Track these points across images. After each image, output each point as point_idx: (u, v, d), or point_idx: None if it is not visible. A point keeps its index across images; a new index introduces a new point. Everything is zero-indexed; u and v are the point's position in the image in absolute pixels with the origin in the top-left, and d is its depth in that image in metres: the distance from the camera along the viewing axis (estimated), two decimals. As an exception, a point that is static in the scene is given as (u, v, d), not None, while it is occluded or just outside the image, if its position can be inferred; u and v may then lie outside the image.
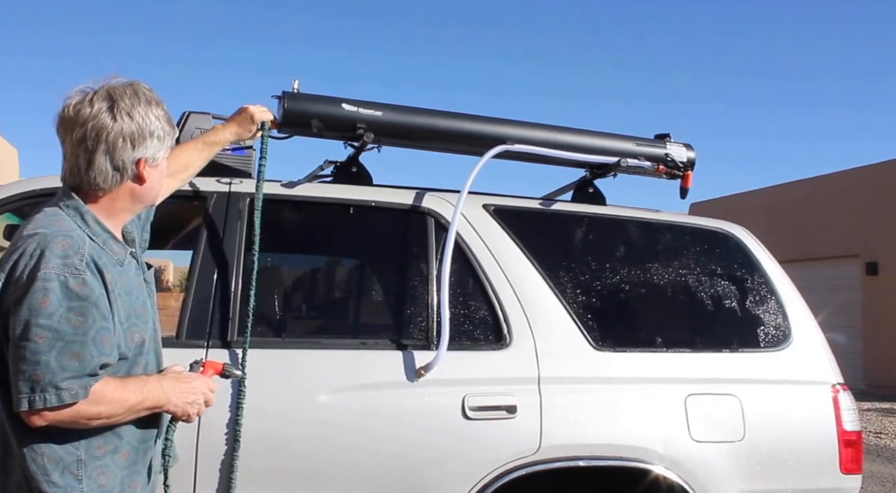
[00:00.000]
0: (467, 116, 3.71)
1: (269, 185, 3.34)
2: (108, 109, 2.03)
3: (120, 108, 2.03)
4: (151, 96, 2.12)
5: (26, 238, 1.97)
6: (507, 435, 3.15)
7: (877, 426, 12.27)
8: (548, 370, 3.26)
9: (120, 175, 2.07)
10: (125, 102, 2.05)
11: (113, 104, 2.03)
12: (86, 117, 2.02)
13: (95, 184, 2.05)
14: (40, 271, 1.90)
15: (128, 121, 2.04)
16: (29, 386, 1.89)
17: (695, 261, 3.80)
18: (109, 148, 2.03)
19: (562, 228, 3.72)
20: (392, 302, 3.58)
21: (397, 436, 3.07)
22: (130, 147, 2.05)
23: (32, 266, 1.92)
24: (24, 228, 2.02)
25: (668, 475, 3.26)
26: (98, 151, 2.02)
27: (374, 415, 3.05)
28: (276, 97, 3.36)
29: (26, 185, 3.16)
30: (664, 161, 3.93)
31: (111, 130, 2.02)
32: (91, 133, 2.02)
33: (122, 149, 2.04)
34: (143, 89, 2.11)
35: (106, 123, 2.02)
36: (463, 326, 3.29)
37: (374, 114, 3.44)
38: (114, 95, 2.05)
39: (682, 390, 3.39)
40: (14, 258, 1.95)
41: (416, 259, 3.42)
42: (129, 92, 2.07)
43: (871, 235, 17.15)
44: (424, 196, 3.48)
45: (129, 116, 2.04)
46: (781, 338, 3.67)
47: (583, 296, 3.50)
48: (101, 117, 2.02)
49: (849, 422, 3.55)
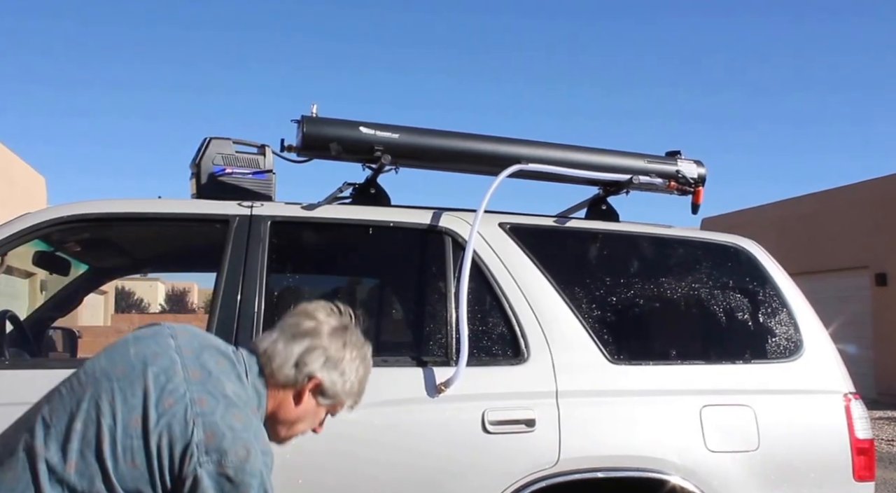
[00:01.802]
0: (482, 136, 3.72)
1: (289, 207, 3.36)
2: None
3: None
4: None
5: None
6: (527, 448, 3.13)
7: (889, 434, 12.18)
8: (565, 384, 3.25)
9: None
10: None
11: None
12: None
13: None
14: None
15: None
16: None
17: (707, 275, 3.77)
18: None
19: (576, 244, 3.71)
20: (412, 320, 3.57)
21: (418, 450, 3.06)
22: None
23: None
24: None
25: (685, 485, 3.23)
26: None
27: (395, 430, 3.05)
28: (296, 122, 3.38)
29: (56, 212, 3.19)
30: (675, 178, 3.91)
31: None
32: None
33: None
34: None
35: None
36: (482, 342, 3.28)
37: (390, 136, 3.45)
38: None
39: (697, 401, 3.36)
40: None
41: (435, 277, 3.41)
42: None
43: (880, 246, 17.06)
44: (442, 216, 3.49)
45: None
46: (793, 349, 3.64)
47: (598, 311, 3.48)
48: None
49: (861, 430, 3.51)
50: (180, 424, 1.84)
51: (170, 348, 1.98)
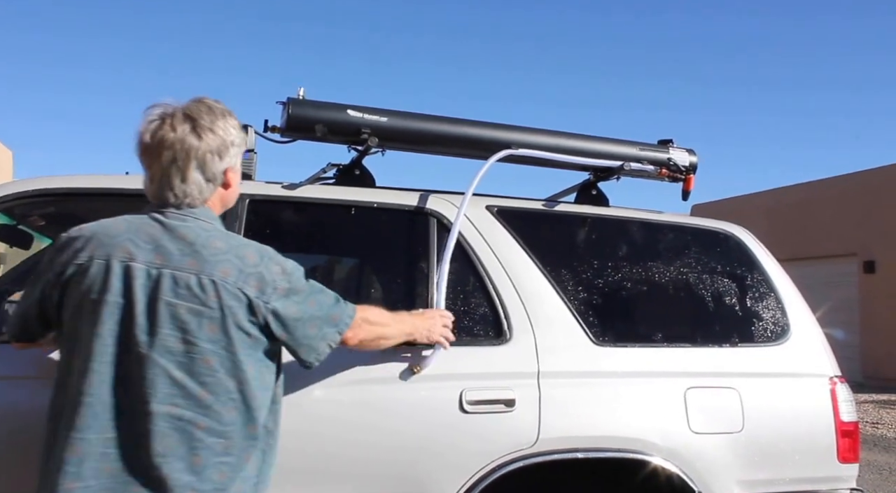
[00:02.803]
0: (472, 121, 3.65)
1: (269, 186, 3.28)
2: (192, 130, 2.13)
3: (202, 126, 2.14)
4: (223, 109, 2.22)
5: (233, 250, 2.14)
6: (505, 428, 3.06)
7: (874, 417, 12.21)
8: (547, 365, 3.19)
9: (213, 185, 2.19)
10: (204, 120, 2.15)
11: (195, 124, 2.14)
12: (172, 141, 2.12)
13: (192, 196, 2.16)
14: (287, 261, 2.22)
15: (212, 137, 2.15)
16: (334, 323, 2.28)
17: (695, 259, 3.73)
18: (201, 164, 2.15)
19: (565, 228, 3.65)
20: (392, 300, 3.50)
21: (392, 429, 2.98)
22: (218, 159, 2.17)
23: (280, 260, 2.21)
24: (214, 247, 2.12)
25: (667, 466, 3.17)
26: (190, 168, 2.14)
27: (368, 409, 2.97)
28: (281, 103, 3.32)
29: (19, 185, 3.11)
30: (667, 165, 3.88)
31: (199, 148, 2.13)
32: (181, 154, 2.12)
33: (211, 162, 2.16)
34: (213, 104, 2.21)
35: (193, 143, 2.13)
36: (463, 322, 3.20)
37: (378, 119, 3.38)
38: (192, 115, 2.15)
39: (681, 383, 3.32)
40: (253, 270, 2.13)
41: (418, 258, 3.34)
42: (205, 109, 2.18)
43: (868, 235, 17.09)
44: (428, 198, 3.42)
45: (211, 132, 2.15)
46: (780, 333, 3.61)
47: (585, 294, 3.42)
48: (187, 139, 2.12)
49: (846, 413, 3.49)
50: (235, 299, 2.09)
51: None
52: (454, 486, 2.99)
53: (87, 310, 2.05)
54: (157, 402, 1.99)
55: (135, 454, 1.99)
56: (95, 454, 1.97)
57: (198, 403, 2.02)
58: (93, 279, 2.06)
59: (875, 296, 16.98)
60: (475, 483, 3.00)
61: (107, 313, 2.03)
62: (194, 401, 2.02)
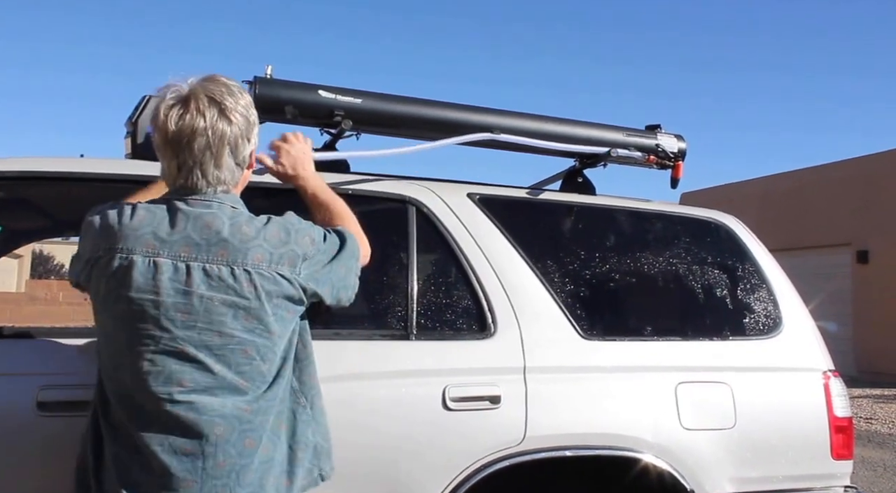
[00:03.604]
0: (452, 104, 3.53)
1: None
2: (221, 114, 2.05)
3: (228, 108, 2.06)
4: (238, 86, 2.15)
5: (261, 234, 2.07)
6: (490, 426, 2.95)
7: (868, 412, 12.15)
8: (534, 360, 3.08)
9: (241, 169, 2.15)
10: (229, 102, 2.07)
11: (221, 108, 2.05)
12: (204, 128, 2.03)
13: (225, 182, 2.10)
14: (313, 227, 2.19)
15: (241, 119, 2.09)
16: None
17: (685, 250, 3.65)
18: (233, 149, 2.08)
19: (549, 217, 3.55)
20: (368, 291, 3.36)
21: (372, 428, 2.86)
22: (247, 142, 2.13)
23: (306, 227, 2.17)
24: (243, 233, 2.05)
25: (658, 464, 3.09)
26: (224, 154, 2.07)
27: (347, 406, 2.82)
28: (247, 82, 3.16)
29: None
30: (655, 151, 3.80)
31: (231, 133, 2.06)
32: (214, 140, 2.04)
33: (242, 146, 2.11)
34: (229, 82, 2.12)
35: (224, 128, 2.05)
36: (445, 315, 3.10)
37: (352, 101, 3.25)
38: (216, 98, 2.05)
39: (672, 378, 3.24)
40: (284, 250, 2.08)
41: (396, 249, 3.20)
42: (225, 90, 2.08)
43: (861, 224, 17.00)
44: (405, 185, 3.28)
45: (239, 114, 2.08)
46: (772, 326, 3.54)
47: (572, 286, 3.33)
48: (218, 125, 2.04)
49: (840, 408, 3.43)
50: (272, 283, 2.05)
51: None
52: (438, 486, 2.89)
53: (112, 303, 2.01)
54: (197, 394, 1.97)
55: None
56: (145, 448, 1.97)
57: (235, 390, 2.01)
58: (117, 273, 1.99)
59: (869, 287, 16.89)
60: (460, 483, 2.89)
61: (134, 309, 1.97)
62: (231, 389, 2.01)
